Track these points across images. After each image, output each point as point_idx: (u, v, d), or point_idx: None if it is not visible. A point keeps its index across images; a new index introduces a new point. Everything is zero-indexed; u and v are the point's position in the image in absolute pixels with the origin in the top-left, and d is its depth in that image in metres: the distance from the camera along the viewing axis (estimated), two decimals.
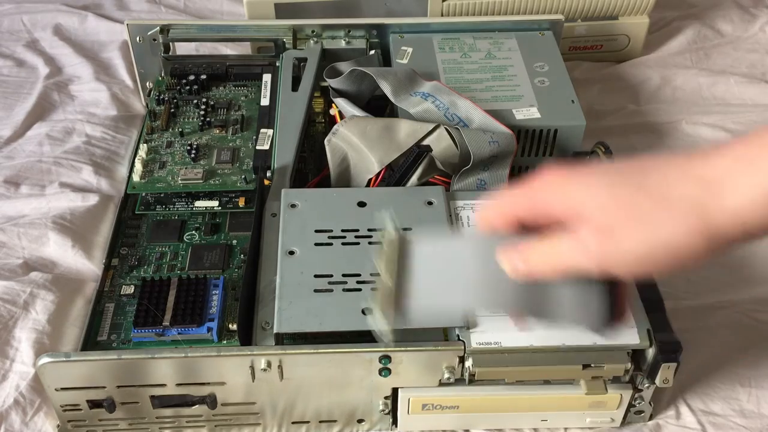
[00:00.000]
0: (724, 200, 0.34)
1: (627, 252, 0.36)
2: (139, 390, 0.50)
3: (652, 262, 0.36)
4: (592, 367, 0.49)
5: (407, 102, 0.67)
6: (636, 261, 0.36)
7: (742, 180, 0.34)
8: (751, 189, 0.34)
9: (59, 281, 0.62)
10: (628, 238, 0.36)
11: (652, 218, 0.35)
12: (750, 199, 0.34)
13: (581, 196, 0.38)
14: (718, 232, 0.35)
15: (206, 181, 0.64)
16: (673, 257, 0.36)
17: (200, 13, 1.00)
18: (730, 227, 0.34)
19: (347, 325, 0.49)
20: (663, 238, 0.35)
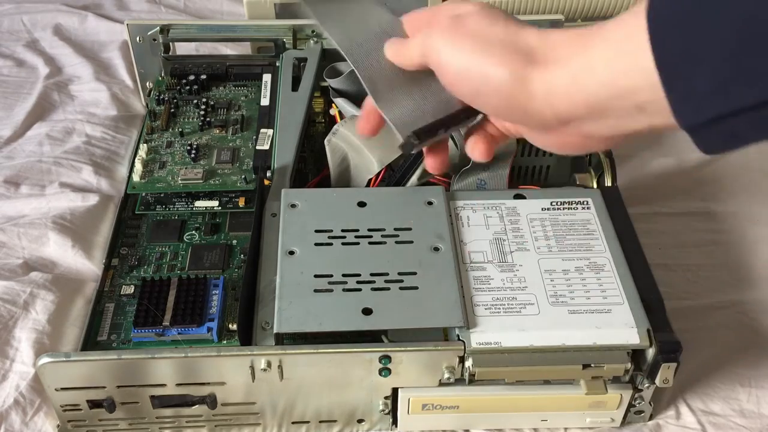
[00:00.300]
0: (541, 67, 0.37)
1: (448, 55, 0.41)
2: (139, 390, 0.50)
3: (463, 76, 0.40)
4: (592, 367, 0.49)
5: None
6: (449, 64, 0.41)
7: (552, 66, 0.37)
8: (563, 70, 0.36)
9: (59, 281, 0.62)
10: (455, 46, 0.40)
11: (483, 48, 0.39)
12: (561, 76, 0.37)
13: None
14: (526, 83, 0.38)
15: (206, 181, 0.64)
16: (480, 81, 0.39)
17: (200, 13, 1.00)
18: (536, 85, 0.37)
19: (347, 325, 0.49)
20: (482, 64, 0.39)
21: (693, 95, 0.31)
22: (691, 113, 0.32)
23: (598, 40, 0.35)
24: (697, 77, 0.31)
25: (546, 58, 0.37)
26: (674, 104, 0.32)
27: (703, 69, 0.30)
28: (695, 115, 0.32)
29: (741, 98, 0.30)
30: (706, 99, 0.31)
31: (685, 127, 0.32)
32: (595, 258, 0.53)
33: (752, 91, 0.30)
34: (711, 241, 0.70)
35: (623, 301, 0.50)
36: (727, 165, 0.77)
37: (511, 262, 0.53)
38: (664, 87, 0.32)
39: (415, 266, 0.52)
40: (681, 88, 0.32)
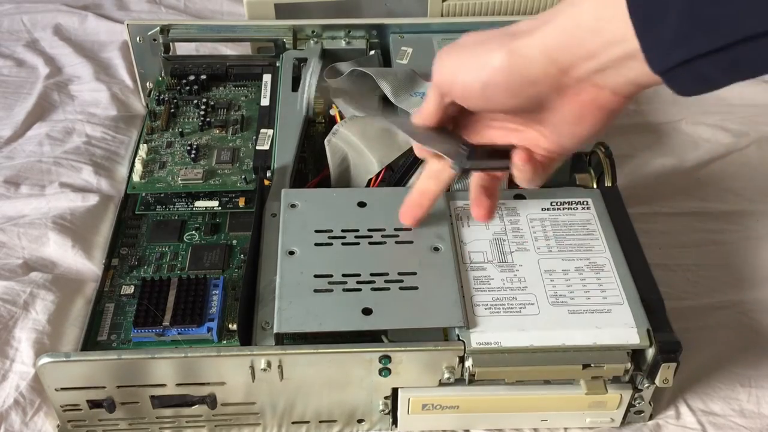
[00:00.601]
0: (529, 35, 0.39)
1: (451, 69, 0.43)
2: (139, 390, 0.50)
3: (468, 78, 0.42)
4: (592, 367, 0.49)
5: (407, 102, 0.67)
6: (455, 76, 0.43)
7: (540, 29, 0.39)
8: (552, 26, 0.38)
9: (59, 281, 0.62)
10: (454, 60, 0.43)
11: (476, 49, 0.42)
12: (551, 31, 0.38)
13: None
14: (519, 51, 0.39)
15: (206, 181, 0.64)
16: (482, 73, 0.41)
17: (200, 13, 1.00)
18: (529, 47, 0.39)
19: (347, 325, 0.49)
20: (478, 59, 0.41)
21: (660, 42, 0.34)
22: (660, 59, 0.34)
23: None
24: (664, 25, 0.33)
25: (533, 27, 0.39)
26: (645, 51, 0.34)
27: (668, 17, 0.33)
28: (664, 61, 0.34)
29: (699, 44, 0.32)
30: (672, 45, 0.33)
31: (656, 72, 0.35)
32: (595, 258, 0.53)
33: (709, 38, 0.32)
34: (711, 241, 0.69)
35: (623, 301, 0.50)
36: (727, 165, 0.77)
37: (511, 262, 0.53)
38: (637, 34, 0.34)
39: (415, 266, 0.52)
40: (650, 36, 0.34)
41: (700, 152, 0.78)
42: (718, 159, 0.77)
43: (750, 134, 0.80)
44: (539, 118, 0.43)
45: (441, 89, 0.45)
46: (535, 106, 0.42)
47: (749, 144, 0.79)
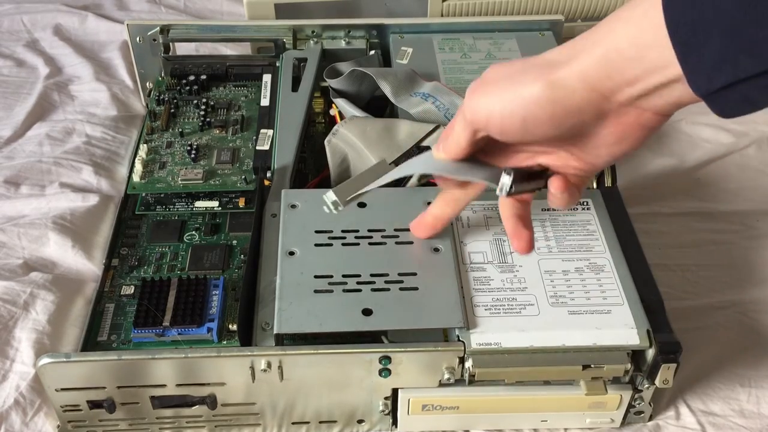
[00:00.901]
0: (567, 65, 0.39)
1: (486, 105, 0.42)
2: (140, 390, 0.50)
3: (506, 112, 0.41)
4: (592, 367, 0.49)
5: (407, 102, 0.67)
6: (491, 112, 0.41)
7: (578, 58, 0.38)
8: (591, 56, 0.38)
9: (59, 281, 0.62)
10: (488, 95, 0.42)
11: (510, 82, 0.41)
12: (591, 60, 0.38)
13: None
14: (560, 82, 0.38)
15: (206, 182, 0.64)
16: (522, 107, 0.40)
17: (200, 13, 1.00)
18: (570, 78, 0.38)
19: (347, 325, 0.49)
20: (515, 93, 0.40)
21: (703, 65, 0.33)
22: (703, 82, 0.34)
23: (618, 22, 0.37)
24: (706, 48, 0.33)
25: (569, 57, 0.39)
26: (688, 74, 0.34)
27: (710, 40, 0.32)
28: (707, 84, 0.33)
29: (746, 67, 0.32)
30: (715, 68, 0.33)
31: (699, 95, 0.34)
32: (595, 258, 0.53)
33: (755, 61, 0.32)
34: (711, 241, 0.70)
35: (623, 301, 0.51)
36: (727, 165, 0.77)
37: (511, 262, 0.53)
38: (679, 59, 0.34)
39: (415, 267, 0.52)
40: (693, 59, 0.34)
41: (700, 152, 0.78)
42: (718, 159, 0.77)
43: (750, 134, 0.80)
44: (577, 142, 0.42)
45: (475, 125, 0.43)
46: (576, 133, 0.41)
47: (749, 144, 0.79)
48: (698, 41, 0.33)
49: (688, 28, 0.33)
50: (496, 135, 0.43)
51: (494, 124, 0.42)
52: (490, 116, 0.42)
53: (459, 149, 0.45)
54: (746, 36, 0.31)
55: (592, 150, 0.42)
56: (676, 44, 0.34)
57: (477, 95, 0.42)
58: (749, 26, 0.31)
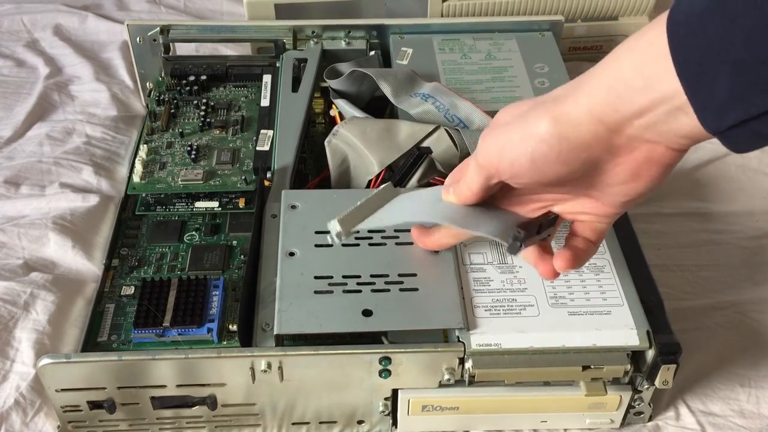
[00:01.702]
0: (572, 98, 0.38)
1: (496, 146, 0.41)
2: (140, 391, 0.50)
3: (516, 153, 0.39)
4: (592, 368, 0.49)
5: (407, 103, 0.67)
6: (501, 153, 0.40)
7: (583, 91, 0.37)
8: (596, 87, 0.37)
9: (59, 282, 0.62)
10: (498, 137, 0.41)
11: (518, 122, 0.40)
12: (596, 92, 0.37)
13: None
14: (566, 116, 0.37)
15: (206, 182, 0.64)
16: (530, 145, 0.39)
17: (200, 13, 1.00)
18: (575, 112, 0.37)
19: (347, 326, 0.49)
20: (523, 132, 0.39)
21: (714, 102, 0.32)
22: (714, 119, 0.33)
23: (624, 52, 0.36)
24: (717, 85, 0.32)
25: (576, 87, 0.38)
26: (698, 111, 0.33)
27: (721, 78, 0.31)
28: (719, 121, 0.32)
29: (758, 105, 0.31)
30: (727, 106, 0.32)
31: (710, 132, 0.33)
32: (594, 259, 0.53)
33: (766, 98, 0.31)
34: (710, 241, 0.70)
35: (623, 302, 0.51)
36: (727, 165, 0.77)
37: (511, 263, 0.53)
38: (687, 94, 0.33)
39: (415, 268, 0.52)
40: (702, 96, 0.32)
41: (700, 152, 0.78)
42: (718, 159, 0.77)
43: None
44: (591, 182, 0.40)
45: (488, 170, 0.42)
46: (587, 171, 0.39)
47: None
48: (707, 78, 0.32)
49: (695, 63, 0.32)
50: (508, 179, 0.42)
51: (505, 168, 0.41)
52: (500, 159, 0.40)
53: (471, 194, 0.44)
54: (757, 73, 0.30)
55: (605, 190, 0.41)
56: (683, 79, 0.33)
57: (488, 139, 0.41)
58: (760, 63, 0.30)
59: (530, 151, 0.39)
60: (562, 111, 0.38)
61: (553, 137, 0.38)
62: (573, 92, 0.38)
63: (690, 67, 0.32)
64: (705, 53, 0.32)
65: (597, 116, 0.37)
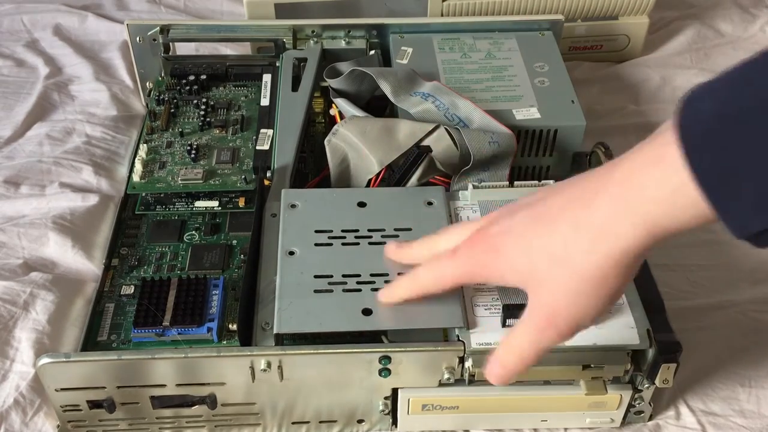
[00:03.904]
0: (615, 236, 0.36)
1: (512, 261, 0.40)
2: (139, 390, 0.50)
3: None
4: (592, 367, 0.49)
5: (407, 102, 0.67)
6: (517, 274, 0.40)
7: (623, 222, 0.36)
8: (634, 226, 0.36)
9: (59, 281, 0.62)
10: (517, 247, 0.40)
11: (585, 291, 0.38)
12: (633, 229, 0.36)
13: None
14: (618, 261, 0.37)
15: (206, 181, 0.64)
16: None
17: (200, 13, 1.00)
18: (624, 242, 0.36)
19: (347, 325, 0.49)
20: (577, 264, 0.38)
21: (741, 212, 0.32)
22: (743, 227, 0.32)
23: (640, 167, 0.35)
24: (742, 196, 0.31)
25: (599, 235, 0.37)
26: (725, 221, 0.32)
27: (746, 188, 0.31)
28: (749, 227, 0.32)
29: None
30: (756, 214, 0.31)
31: (738, 237, 0.33)
32: None
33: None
34: (711, 241, 0.69)
35: (623, 301, 0.50)
36: None
37: None
38: (711, 206, 0.32)
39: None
40: (728, 207, 0.32)
41: None
42: None
43: None
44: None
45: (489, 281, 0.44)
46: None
47: None
48: (731, 190, 0.31)
49: (716, 177, 0.31)
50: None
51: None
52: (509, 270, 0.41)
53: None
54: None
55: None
56: (705, 193, 0.32)
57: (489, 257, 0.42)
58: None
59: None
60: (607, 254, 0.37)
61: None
62: (605, 234, 0.37)
63: (709, 179, 0.32)
64: (725, 164, 0.31)
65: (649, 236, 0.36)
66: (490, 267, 0.42)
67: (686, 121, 0.32)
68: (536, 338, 0.41)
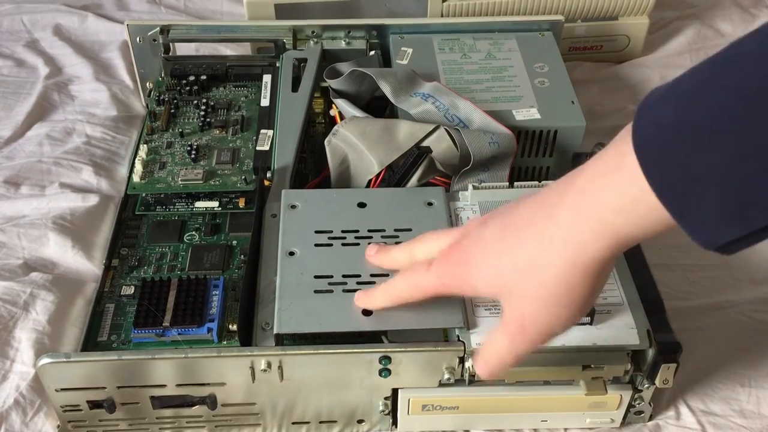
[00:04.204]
0: (579, 246, 0.36)
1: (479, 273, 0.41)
2: (140, 390, 0.50)
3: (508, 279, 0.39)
4: (592, 367, 0.49)
5: (407, 103, 0.67)
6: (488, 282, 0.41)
7: (585, 232, 0.36)
8: (596, 235, 0.35)
9: (59, 282, 0.62)
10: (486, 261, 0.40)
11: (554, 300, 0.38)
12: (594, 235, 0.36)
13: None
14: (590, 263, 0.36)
15: (206, 182, 0.64)
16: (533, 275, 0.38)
17: (200, 13, 1.00)
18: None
19: (347, 325, 0.49)
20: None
21: (706, 225, 0.31)
22: (708, 239, 0.31)
23: (595, 179, 0.35)
24: (705, 208, 0.30)
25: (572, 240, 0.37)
26: (690, 232, 0.32)
27: (709, 200, 0.30)
28: (714, 239, 0.31)
29: (759, 220, 0.29)
30: (722, 226, 0.30)
31: (706, 248, 0.32)
32: None
33: (761, 217, 0.29)
34: None
35: (623, 301, 0.50)
36: None
37: None
38: (673, 216, 0.32)
39: None
40: (692, 219, 0.31)
41: None
42: None
43: None
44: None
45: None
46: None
47: None
48: (693, 202, 0.30)
49: (677, 189, 0.31)
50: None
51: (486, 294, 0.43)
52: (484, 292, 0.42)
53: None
54: (751, 193, 0.29)
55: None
56: (667, 204, 0.32)
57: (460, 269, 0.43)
58: (751, 184, 0.28)
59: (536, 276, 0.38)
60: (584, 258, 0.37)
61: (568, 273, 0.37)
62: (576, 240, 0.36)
63: (670, 191, 0.31)
64: (686, 175, 0.30)
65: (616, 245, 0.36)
66: (462, 279, 0.42)
67: (642, 130, 0.32)
68: (510, 344, 0.41)
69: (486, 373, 0.44)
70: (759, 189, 0.28)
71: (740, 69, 0.29)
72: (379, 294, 0.48)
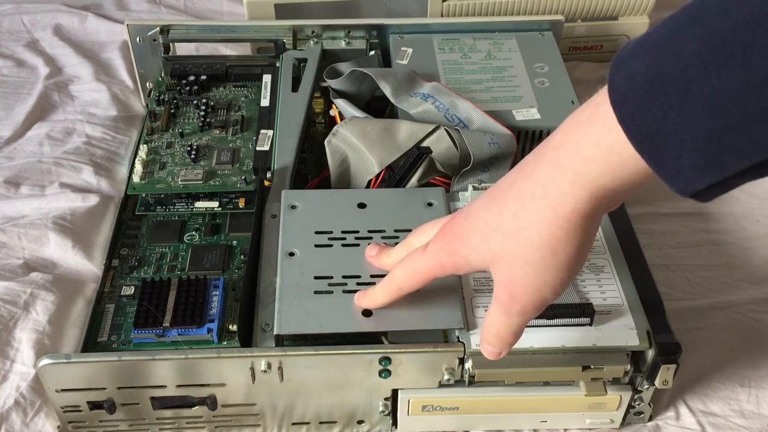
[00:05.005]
0: (558, 201, 0.37)
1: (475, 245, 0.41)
2: (140, 391, 0.50)
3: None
4: (592, 368, 0.49)
5: (407, 103, 0.67)
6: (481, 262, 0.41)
7: (563, 185, 0.36)
8: (574, 187, 0.36)
9: (59, 282, 0.62)
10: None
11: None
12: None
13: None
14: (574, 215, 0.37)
15: (206, 182, 0.64)
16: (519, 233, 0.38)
17: (200, 13, 1.00)
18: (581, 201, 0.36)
19: (347, 326, 0.49)
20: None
21: (682, 172, 0.31)
22: (685, 186, 0.32)
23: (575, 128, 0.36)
24: (682, 157, 0.31)
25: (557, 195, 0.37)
26: (667, 180, 0.32)
27: (685, 149, 0.31)
28: (690, 186, 0.32)
29: (733, 166, 0.30)
30: (698, 173, 0.31)
31: (683, 195, 0.33)
32: (594, 259, 0.53)
33: (743, 159, 0.30)
34: (711, 241, 0.70)
35: (623, 302, 0.51)
36: None
37: None
38: (650, 164, 0.32)
39: None
40: (668, 167, 0.32)
41: None
42: None
43: None
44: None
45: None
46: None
47: None
48: (669, 152, 0.31)
49: (653, 139, 0.31)
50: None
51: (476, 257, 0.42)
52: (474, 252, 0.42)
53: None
54: (727, 139, 0.29)
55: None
56: (644, 155, 0.32)
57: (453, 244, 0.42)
58: (728, 129, 0.29)
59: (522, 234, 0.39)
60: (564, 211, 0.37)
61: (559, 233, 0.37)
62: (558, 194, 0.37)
63: (647, 142, 0.32)
64: (661, 127, 0.31)
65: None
66: (456, 253, 0.42)
67: (617, 83, 0.33)
68: (504, 317, 0.41)
69: (489, 353, 0.44)
70: (732, 135, 0.29)
71: (706, 22, 0.30)
72: (379, 289, 0.48)
